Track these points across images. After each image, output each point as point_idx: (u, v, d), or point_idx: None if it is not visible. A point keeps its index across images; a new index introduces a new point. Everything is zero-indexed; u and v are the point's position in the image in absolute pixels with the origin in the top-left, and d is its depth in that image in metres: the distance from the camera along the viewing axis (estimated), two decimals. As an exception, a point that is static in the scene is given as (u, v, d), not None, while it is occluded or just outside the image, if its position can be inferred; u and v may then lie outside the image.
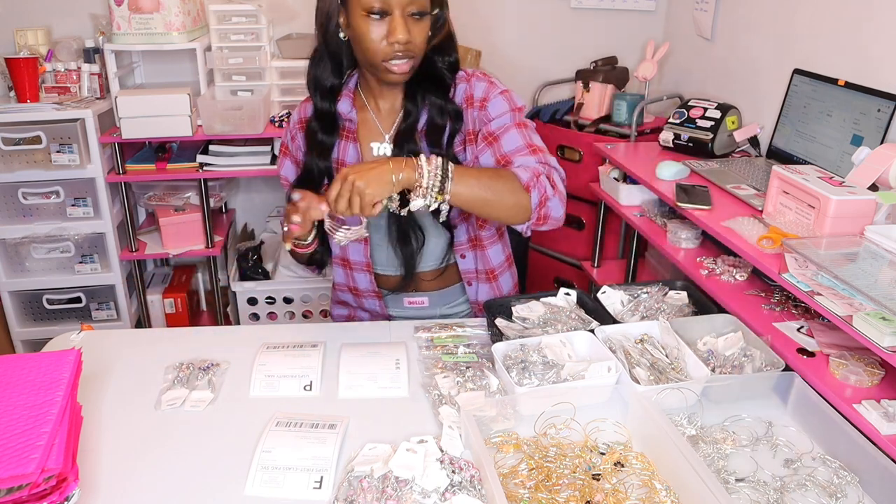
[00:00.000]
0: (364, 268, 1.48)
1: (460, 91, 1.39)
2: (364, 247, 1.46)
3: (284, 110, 2.50)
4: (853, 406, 1.25)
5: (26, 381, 1.00)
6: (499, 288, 1.52)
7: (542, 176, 1.25)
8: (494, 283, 1.51)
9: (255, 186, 2.97)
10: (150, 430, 1.08)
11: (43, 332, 2.50)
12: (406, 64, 1.27)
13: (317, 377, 1.20)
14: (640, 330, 1.24)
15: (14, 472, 0.83)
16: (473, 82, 1.37)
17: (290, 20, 2.68)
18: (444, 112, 1.35)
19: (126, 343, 1.33)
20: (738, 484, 0.96)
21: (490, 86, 1.37)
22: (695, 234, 1.91)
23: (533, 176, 1.24)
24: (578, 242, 2.69)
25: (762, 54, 2.28)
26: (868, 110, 1.77)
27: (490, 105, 1.35)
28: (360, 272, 1.49)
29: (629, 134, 2.46)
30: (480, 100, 1.35)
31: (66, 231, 2.39)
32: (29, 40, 2.49)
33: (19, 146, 2.25)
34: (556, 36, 2.93)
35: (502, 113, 1.35)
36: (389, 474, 0.93)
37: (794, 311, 1.58)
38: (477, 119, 1.36)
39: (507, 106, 1.35)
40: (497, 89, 1.37)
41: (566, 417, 1.05)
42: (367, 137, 1.41)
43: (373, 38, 1.23)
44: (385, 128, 1.40)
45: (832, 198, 1.42)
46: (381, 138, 1.40)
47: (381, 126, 1.40)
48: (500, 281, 1.52)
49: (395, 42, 1.23)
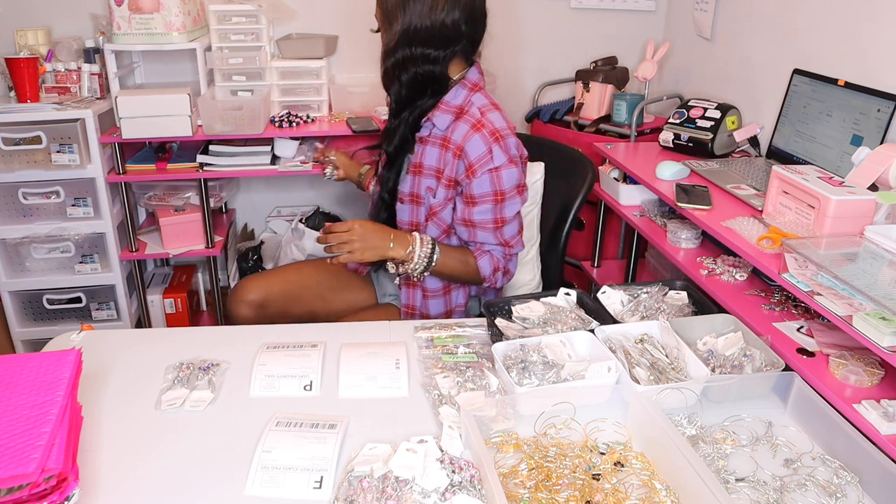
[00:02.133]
0: None
1: (452, 127, 1.47)
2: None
3: (284, 110, 2.50)
4: (853, 406, 1.25)
5: (26, 381, 1.00)
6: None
7: (499, 272, 1.51)
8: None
9: (255, 186, 2.97)
10: (150, 430, 1.08)
11: (43, 332, 2.50)
12: None
13: (317, 377, 1.20)
14: (640, 330, 1.24)
15: (14, 471, 0.83)
16: (473, 138, 1.43)
17: (290, 20, 2.68)
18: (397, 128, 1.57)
19: (126, 343, 1.33)
20: (738, 484, 0.96)
21: (486, 155, 1.43)
22: (695, 234, 1.91)
23: (492, 272, 1.50)
24: (578, 242, 2.69)
25: (762, 54, 2.28)
26: (868, 110, 1.77)
27: (475, 181, 1.45)
28: None
29: (629, 134, 2.46)
30: (469, 163, 1.44)
31: (66, 231, 2.39)
32: (29, 40, 2.49)
33: (19, 146, 2.25)
34: (556, 36, 2.93)
35: (484, 201, 1.46)
36: (389, 474, 0.93)
37: (794, 311, 1.58)
38: (458, 174, 1.47)
39: (490, 188, 1.45)
40: (488, 165, 1.43)
41: (566, 417, 1.05)
42: None
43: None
44: None
45: (832, 198, 1.42)
46: None
47: None
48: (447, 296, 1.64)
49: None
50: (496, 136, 1.43)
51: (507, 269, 1.53)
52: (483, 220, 1.47)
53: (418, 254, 1.45)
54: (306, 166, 2.39)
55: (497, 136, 1.43)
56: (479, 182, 1.44)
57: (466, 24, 1.45)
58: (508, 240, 1.50)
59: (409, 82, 1.47)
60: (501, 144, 1.43)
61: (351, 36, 2.74)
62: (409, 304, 1.62)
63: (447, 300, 1.61)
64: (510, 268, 1.54)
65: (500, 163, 1.43)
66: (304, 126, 2.45)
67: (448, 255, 1.49)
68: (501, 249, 1.51)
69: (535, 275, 1.82)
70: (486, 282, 1.52)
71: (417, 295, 1.61)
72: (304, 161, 2.41)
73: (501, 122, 1.46)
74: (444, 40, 1.44)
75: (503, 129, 1.44)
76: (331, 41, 2.63)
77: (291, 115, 2.45)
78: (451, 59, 1.47)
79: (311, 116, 2.50)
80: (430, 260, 1.46)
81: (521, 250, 1.55)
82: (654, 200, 2.16)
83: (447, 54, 1.46)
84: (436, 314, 1.62)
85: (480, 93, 1.49)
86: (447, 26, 1.42)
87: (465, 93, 1.48)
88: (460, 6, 1.43)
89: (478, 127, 1.43)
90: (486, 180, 1.44)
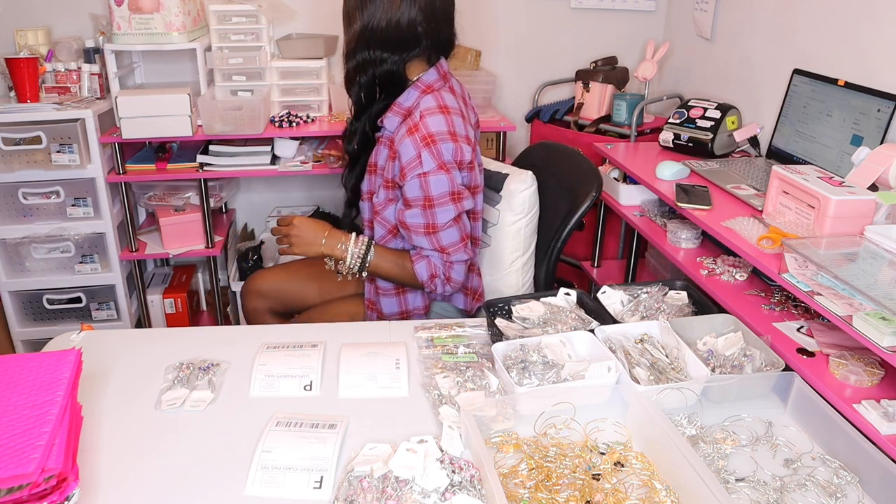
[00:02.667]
0: None
1: (399, 133, 1.47)
2: None
3: (284, 110, 2.50)
4: (853, 406, 1.25)
5: (26, 381, 1.00)
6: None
7: (437, 278, 1.50)
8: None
9: (255, 186, 2.97)
10: (150, 430, 1.08)
11: (43, 332, 2.50)
12: None
13: (317, 377, 1.20)
14: (640, 330, 1.24)
15: (14, 471, 0.83)
16: (405, 142, 1.44)
17: (290, 20, 2.68)
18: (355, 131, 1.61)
19: (126, 343, 1.33)
20: (738, 484, 0.96)
21: (413, 162, 1.43)
22: (695, 234, 1.91)
23: (429, 278, 1.49)
24: (578, 242, 2.69)
25: (762, 54, 2.28)
26: (868, 110, 1.77)
27: (407, 184, 1.45)
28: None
29: (629, 134, 2.46)
30: (400, 168, 1.46)
31: (66, 231, 2.39)
32: (29, 40, 2.49)
33: (19, 146, 2.25)
34: (556, 36, 2.93)
35: (415, 204, 1.46)
36: (389, 474, 0.93)
37: (794, 311, 1.58)
38: (395, 175, 1.49)
39: (420, 194, 1.45)
40: (416, 170, 1.43)
41: (566, 417, 1.05)
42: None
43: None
44: None
45: (832, 198, 1.42)
46: None
47: None
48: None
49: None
50: (427, 140, 1.41)
51: (449, 277, 1.50)
52: (415, 223, 1.47)
53: (351, 252, 1.50)
54: (306, 166, 2.39)
55: (428, 141, 1.41)
56: (409, 185, 1.44)
57: (425, 24, 1.44)
58: (445, 246, 1.48)
59: (367, 84, 1.50)
60: (432, 150, 1.41)
61: (351, 36, 2.74)
62: (369, 298, 1.65)
63: (401, 300, 1.62)
64: (452, 275, 1.50)
65: (428, 168, 1.42)
66: (304, 126, 2.44)
67: (383, 256, 1.52)
68: (439, 255, 1.48)
69: (521, 284, 1.80)
70: (425, 287, 1.51)
71: (373, 291, 1.64)
72: (304, 161, 2.41)
73: (441, 126, 1.42)
74: (400, 41, 1.44)
75: (438, 134, 1.41)
76: (331, 41, 2.63)
77: (291, 115, 2.45)
78: (408, 60, 1.47)
79: (311, 116, 2.50)
80: (364, 260, 1.50)
81: (464, 258, 1.50)
82: (654, 200, 2.16)
83: (405, 56, 1.46)
84: (389, 313, 1.63)
85: (433, 94, 1.46)
86: (402, 27, 1.42)
87: (417, 94, 1.48)
88: (418, 6, 1.42)
89: (412, 131, 1.43)
90: (415, 185, 1.44)
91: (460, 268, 1.51)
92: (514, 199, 1.69)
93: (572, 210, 1.71)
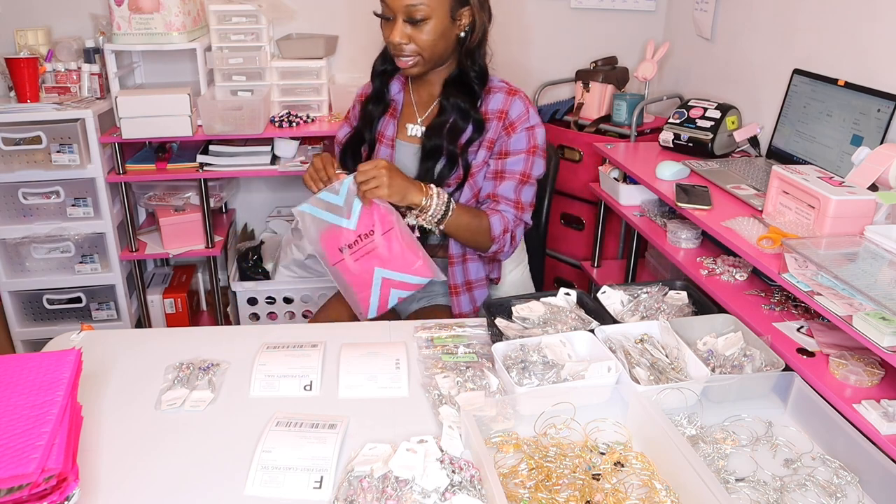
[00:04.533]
0: None
1: (497, 101, 1.55)
2: None
3: (284, 110, 2.50)
4: (853, 406, 1.25)
5: (26, 381, 1.00)
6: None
7: (508, 233, 1.54)
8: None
9: (255, 186, 2.97)
10: (150, 430, 1.08)
11: (43, 332, 2.50)
12: (408, 61, 1.48)
13: (317, 377, 1.20)
14: (640, 330, 1.24)
15: (14, 471, 0.83)
16: (513, 100, 1.55)
17: (290, 20, 2.68)
18: (466, 118, 1.53)
19: (126, 343, 1.33)
20: (738, 484, 0.96)
21: (525, 114, 1.54)
22: (695, 234, 1.91)
23: (502, 232, 1.53)
24: (578, 242, 2.69)
25: (762, 54, 2.28)
26: (868, 110, 1.77)
27: (514, 137, 1.54)
28: None
29: (629, 134, 2.46)
30: (510, 122, 1.54)
31: (66, 231, 2.39)
32: (29, 40, 2.49)
33: (19, 146, 2.25)
34: (556, 36, 2.92)
35: (518, 153, 1.54)
36: (389, 474, 0.93)
37: (794, 311, 1.58)
38: (499, 136, 1.54)
39: (525, 145, 1.54)
40: (527, 122, 1.54)
41: (566, 417, 1.05)
42: (406, 117, 1.63)
43: (385, 38, 1.48)
44: (420, 113, 1.61)
45: (832, 198, 1.42)
46: (416, 121, 1.61)
47: (418, 111, 1.62)
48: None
49: (390, 43, 1.46)
50: (530, 101, 1.59)
51: (515, 235, 1.56)
52: (505, 196, 1.54)
53: (436, 202, 1.45)
54: (306, 166, 2.39)
55: (530, 102, 1.59)
56: (516, 139, 1.56)
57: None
58: (524, 202, 1.56)
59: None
60: (535, 109, 1.60)
61: (351, 36, 2.74)
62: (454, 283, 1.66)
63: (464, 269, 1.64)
64: (517, 234, 1.57)
65: (534, 123, 1.58)
66: (304, 126, 2.45)
67: (462, 208, 1.51)
68: (513, 211, 1.55)
69: (520, 272, 1.86)
70: (494, 242, 1.53)
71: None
72: (304, 161, 2.41)
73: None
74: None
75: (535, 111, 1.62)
76: (331, 41, 2.63)
77: (291, 115, 2.45)
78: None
79: (311, 116, 2.50)
80: (447, 209, 1.46)
81: (529, 222, 1.59)
82: (654, 200, 2.16)
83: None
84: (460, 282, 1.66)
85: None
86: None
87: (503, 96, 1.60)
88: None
89: (512, 92, 1.59)
90: (523, 137, 1.55)
91: (521, 231, 1.59)
92: None
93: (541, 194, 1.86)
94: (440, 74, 1.57)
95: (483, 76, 1.56)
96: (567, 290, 1.38)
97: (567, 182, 2.64)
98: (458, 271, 1.63)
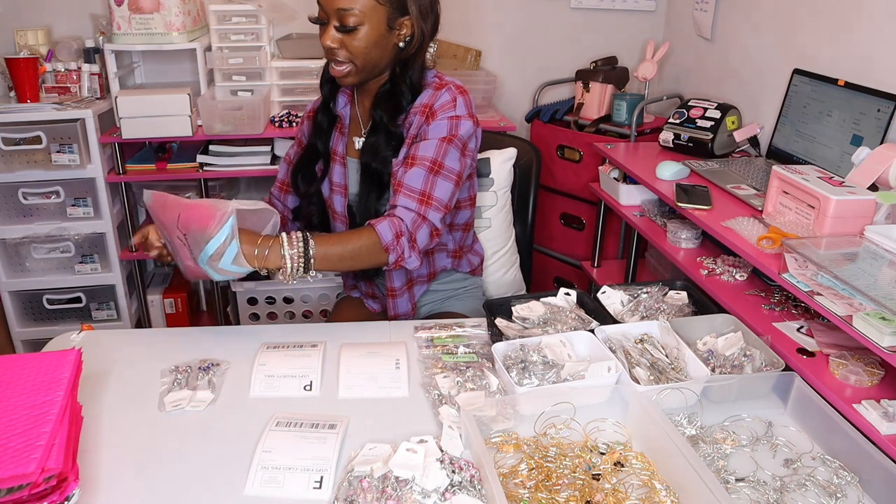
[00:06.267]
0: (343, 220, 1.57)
1: (424, 96, 1.44)
2: (343, 199, 1.56)
3: (284, 110, 2.50)
4: (853, 406, 1.25)
5: (26, 381, 1.00)
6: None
7: (403, 237, 1.33)
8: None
9: (255, 186, 2.97)
10: (150, 430, 1.08)
11: (43, 332, 2.50)
12: (342, 69, 1.38)
13: (317, 377, 1.20)
14: (640, 330, 1.24)
15: (14, 472, 0.83)
16: (440, 93, 1.42)
17: (290, 20, 2.68)
18: (388, 133, 1.43)
19: (126, 343, 1.33)
20: (738, 484, 0.96)
21: (450, 103, 1.41)
22: (695, 234, 1.91)
23: (394, 238, 1.32)
24: (578, 242, 2.69)
25: (762, 54, 2.28)
26: (868, 110, 1.77)
27: (433, 123, 1.40)
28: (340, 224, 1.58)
29: (629, 134, 2.46)
30: (433, 111, 1.41)
31: (66, 231, 2.39)
32: (29, 40, 2.49)
33: (19, 146, 2.25)
34: (556, 36, 2.93)
35: (433, 139, 1.39)
36: (389, 474, 0.93)
37: (794, 311, 1.58)
38: (420, 127, 1.42)
39: (443, 133, 1.39)
40: (451, 112, 1.41)
41: (566, 417, 1.05)
42: (353, 131, 1.54)
43: (321, 43, 1.37)
44: (365, 125, 1.51)
45: (832, 198, 1.42)
46: (361, 134, 1.51)
47: (362, 122, 1.52)
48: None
49: (323, 48, 1.37)
50: (462, 90, 1.47)
51: (415, 237, 1.34)
52: (410, 185, 1.37)
53: (289, 255, 1.27)
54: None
55: (463, 91, 1.47)
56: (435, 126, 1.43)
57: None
58: (433, 195, 1.37)
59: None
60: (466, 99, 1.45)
61: (351, 36, 2.74)
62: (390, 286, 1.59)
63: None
64: (418, 236, 1.35)
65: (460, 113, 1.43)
66: (304, 126, 2.44)
67: (326, 241, 1.31)
68: (417, 204, 1.35)
69: (513, 273, 1.86)
70: (389, 252, 1.32)
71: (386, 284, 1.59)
72: (304, 161, 2.41)
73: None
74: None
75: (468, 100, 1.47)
76: (331, 41, 2.63)
77: (291, 115, 2.45)
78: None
79: (311, 116, 2.50)
80: (307, 255, 1.27)
81: (436, 221, 1.37)
82: (654, 200, 2.16)
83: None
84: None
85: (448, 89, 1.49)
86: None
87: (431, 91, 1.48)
88: None
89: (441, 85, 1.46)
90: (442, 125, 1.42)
91: (426, 232, 1.36)
92: (501, 173, 1.81)
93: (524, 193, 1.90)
94: (379, 84, 1.45)
95: (415, 89, 1.43)
96: (567, 290, 1.37)
97: (567, 182, 2.64)
98: (398, 273, 1.55)
